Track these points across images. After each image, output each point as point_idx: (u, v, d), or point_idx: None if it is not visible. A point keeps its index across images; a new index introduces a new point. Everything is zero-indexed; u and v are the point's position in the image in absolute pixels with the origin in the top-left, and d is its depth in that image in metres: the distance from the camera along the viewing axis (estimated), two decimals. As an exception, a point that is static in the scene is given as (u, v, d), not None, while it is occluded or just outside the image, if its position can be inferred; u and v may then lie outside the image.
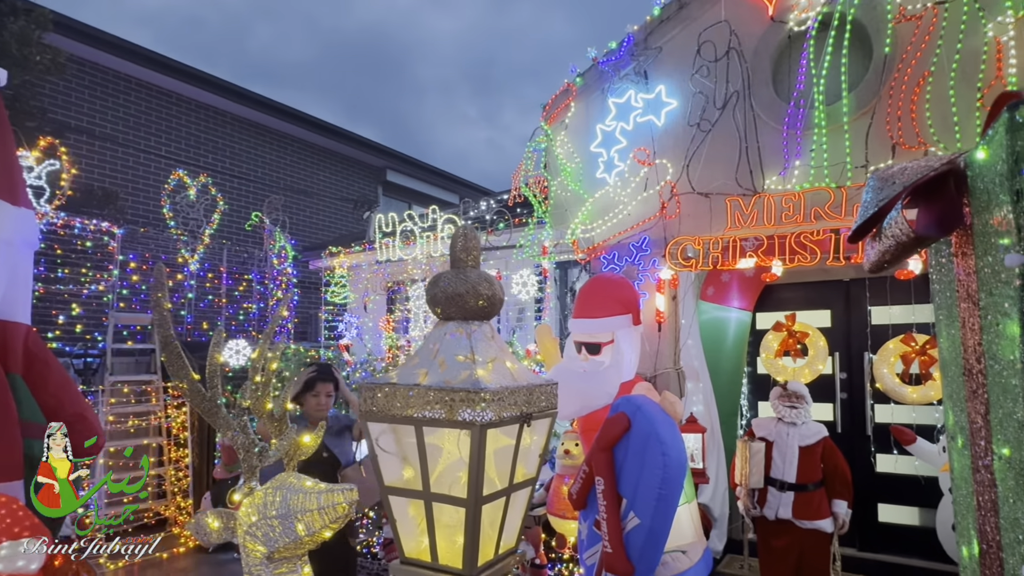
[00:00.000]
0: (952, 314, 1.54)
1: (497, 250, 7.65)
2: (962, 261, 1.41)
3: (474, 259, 1.72)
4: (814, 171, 4.48)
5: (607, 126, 5.70)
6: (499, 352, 1.68)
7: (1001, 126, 1.11)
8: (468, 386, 1.46)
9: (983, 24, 3.90)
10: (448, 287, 1.64)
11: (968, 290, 1.37)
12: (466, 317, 1.66)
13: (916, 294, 4.41)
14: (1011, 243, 1.08)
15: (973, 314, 1.35)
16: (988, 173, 1.20)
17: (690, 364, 5.18)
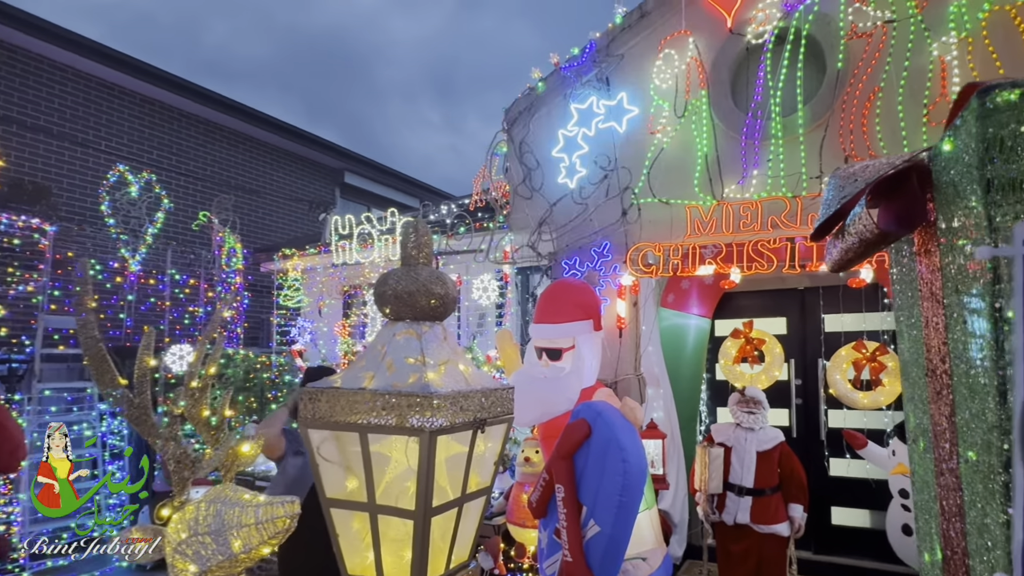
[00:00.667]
0: (914, 315, 1.51)
1: (458, 254, 7.55)
2: (925, 259, 1.37)
3: (426, 256, 1.63)
4: (771, 181, 4.56)
5: (569, 131, 5.69)
6: (452, 354, 1.59)
7: (970, 114, 1.05)
8: (417, 390, 1.36)
9: (928, 43, 4.05)
10: (398, 285, 1.55)
11: (932, 289, 1.33)
12: (417, 317, 1.56)
13: (866, 303, 4.54)
14: (981, 236, 1.02)
15: (937, 313, 1.31)
16: (955, 165, 1.15)
17: (651, 370, 5.19)
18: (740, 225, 4.58)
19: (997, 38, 3.83)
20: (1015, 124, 0.95)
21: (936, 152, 1.27)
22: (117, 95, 8.75)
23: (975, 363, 1.12)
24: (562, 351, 4.84)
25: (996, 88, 0.97)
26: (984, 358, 1.06)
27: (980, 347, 1.08)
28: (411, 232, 1.62)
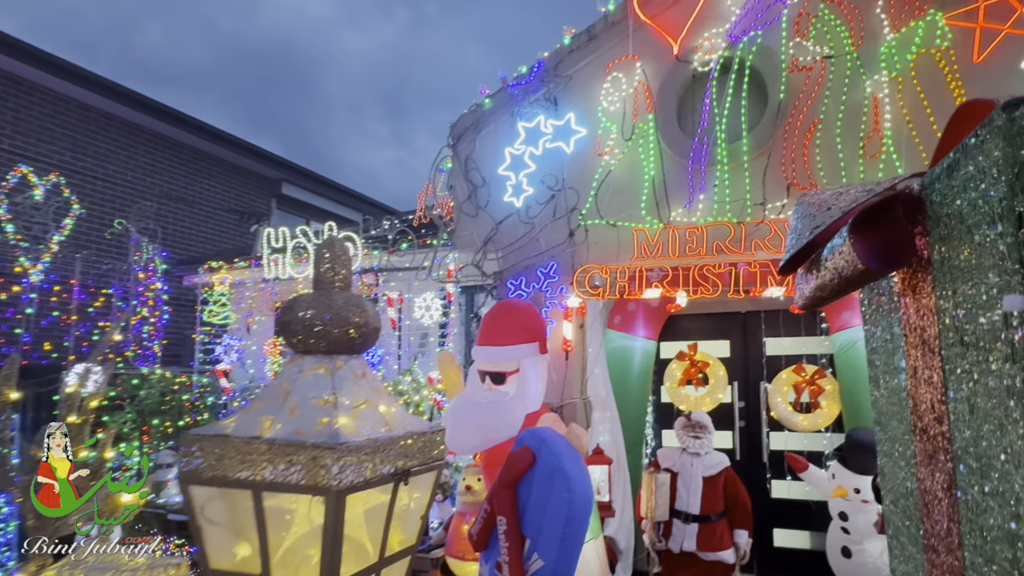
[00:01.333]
0: (893, 362, 1.36)
1: (399, 271, 7.30)
2: (913, 301, 1.22)
3: (343, 279, 1.43)
4: (717, 206, 4.62)
5: (516, 150, 5.61)
6: (371, 393, 1.38)
7: (993, 133, 0.88)
8: (326, 439, 1.14)
9: (863, 80, 4.24)
10: (307, 313, 1.34)
11: (923, 336, 1.18)
12: (330, 350, 1.35)
13: (805, 327, 4.65)
14: (1007, 281, 0.84)
15: (931, 365, 1.15)
16: (963, 194, 0.99)
17: (597, 393, 5.12)
18: (686, 249, 4.61)
19: (924, 79, 4.04)
20: None
21: (932, 178, 1.12)
22: (27, 91, 8.02)
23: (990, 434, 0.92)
24: (506, 375, 4.68)
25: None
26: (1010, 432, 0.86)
27: (1005, 419, 0.88)
28: (326, 252, 1.42)
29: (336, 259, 1.45)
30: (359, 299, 1.45)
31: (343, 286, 1.46)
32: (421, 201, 6.59)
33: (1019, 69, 3.71)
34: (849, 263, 1.24)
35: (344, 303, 1.40)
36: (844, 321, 4.41)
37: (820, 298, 1.47)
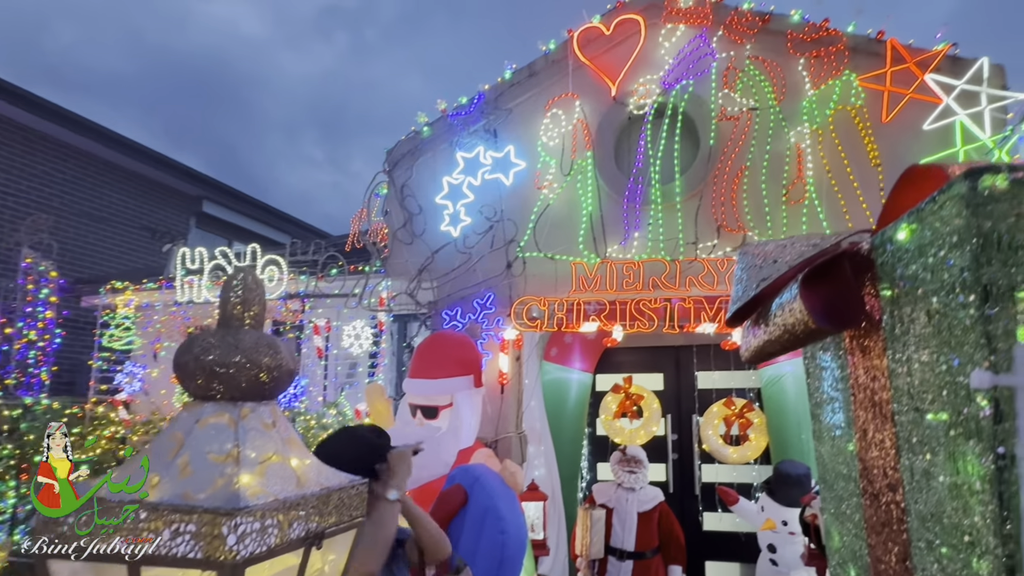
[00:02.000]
0: (841, 420, 1.34)
1: (327, 297, 7.01)
2: (863, 361, 1.20)
3: (254, 316, 1.28)
4: (651, 243, 4.75)
5: (454, 179, 5.57)
6: (280, 446, 1.23)
7: (954, 201, 0.86)
8: (222, 502, 0.99)
9: (786, 132, 4.53)
10: (208, 354, 1.18)
11: (873, 398, 1.15)
12: (235, 396, 1.20)
13: (735, 361, 4.81)
14: (970, 353, 0.82)
15: (882, 429, 1.12)
16: (919, 259, 0.96)
17: (532, 427, 5.05)
18: (623, 284, 4.69)
19: (841, 133, 4.37)
20: (1013, 217, 0.81)
21: (883, 240, 1.10)
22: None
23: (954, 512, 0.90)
24: (439, 409, 4.55)
25: (986, 171, 0.82)
26: (975, 512, 0.83)
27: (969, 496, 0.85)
28: (236, 284, 1.28)
29: (247, 294, 1.29)
30: (271, 338, 1.30)
31: (254, 324, 1.30)
32: (354, 226, 6.39)
33: (922, 130, 4.09)
34: (799, 321, 1.22)
35: (254, 343, 1.25)
36: (770, 357, 4.60)
37: (768, 352, 1.45)
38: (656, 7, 5.08)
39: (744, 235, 4.50)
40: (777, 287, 1.37)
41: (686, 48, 4.91)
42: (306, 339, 8.02)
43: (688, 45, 4.90)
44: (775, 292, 1.39)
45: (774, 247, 1.41)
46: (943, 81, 3.98)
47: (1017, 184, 0.81)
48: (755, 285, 1.39)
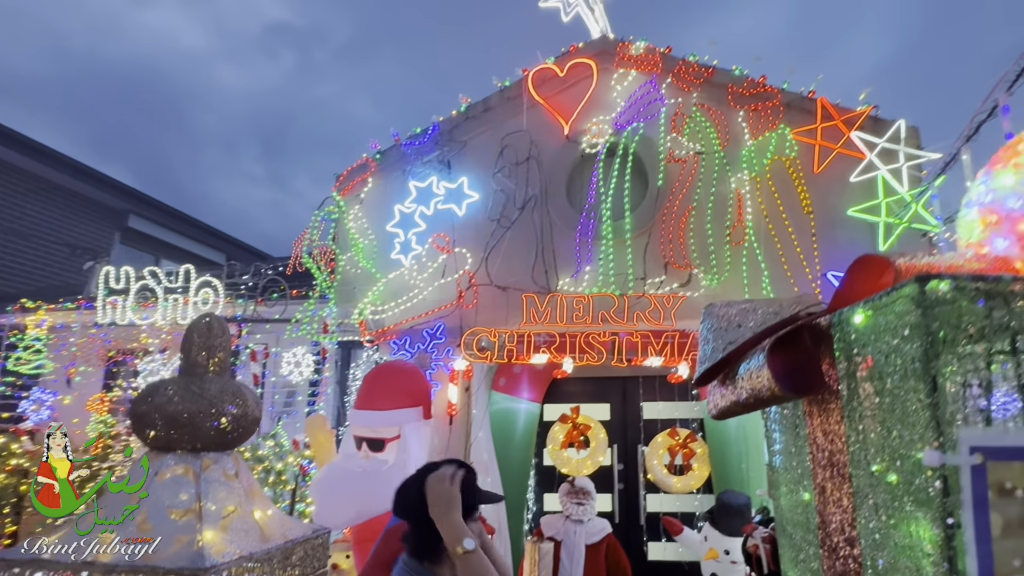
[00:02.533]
0: (800, 474, 1.44)
1: (267, 322, 6.73)
2: (821, 424, 1.31)
3: (219, 363, 1.24)
4: (602, 278, 4.87)
5: (406, 208, 5.55)
6: (243, 498, 1.19)
7: (904, 299, 1.00)
8: (186, 562, 0.94)
9: (729, 176, 4.81)
10: (172, 404, 1.13)
11: (832, 459, 1.26)
12: (197, 447, 1.15)
13: (679, 393, 4.96)
14: (920, 433, 0.94)
15: (840, 487, 1.22)
16: (875, 343, 1.09)
17: (480, 458, 5.00)
18: (573, 317, 4.77)
19: (777, 181, 4.69)
20: (955, 318, 0.94)
21: (841, 320, 1.22)
22: None
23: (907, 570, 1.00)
24: (386, 441, 4.44)
25: (935, 277, 0.97)
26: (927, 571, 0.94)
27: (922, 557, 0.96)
28: (200, 331, 1.23)
29: (212, 340, 1.24)
30: (237, 385, 1.26)
31: (218, 371, 1.26)
32: (297, 248, 6.22)
33: (849, 182, 4.45)
34: (766, 387, 1.33)
35: (219, 391, 1.21)
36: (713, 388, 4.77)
37: (735, 412, 1.56)
38: (608, 53, 5.32)
39: (690, 272, 4.70)
40: (742, 351, 1.45)
41: (637, 92, 5.15)
42: (242, 365, 7.66)
43: (639, 89, 5.14)
44: (741, 355, 1.48)
45: (737, 311, 1.51)
46: (866, 139, 4.36)
47: (958, 290, 0.95)
48: (722, 348, 1.48)
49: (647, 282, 4.78)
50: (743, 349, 1.44)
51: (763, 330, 1.38)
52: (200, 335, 1.14)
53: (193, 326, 1.15)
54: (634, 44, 5.21)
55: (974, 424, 0.92)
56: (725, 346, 1.46)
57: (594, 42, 5.41)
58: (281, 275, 6.88)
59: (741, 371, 1.46)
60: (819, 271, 4.43)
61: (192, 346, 1.14)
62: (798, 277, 4.48)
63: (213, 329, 1.15)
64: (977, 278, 0.96)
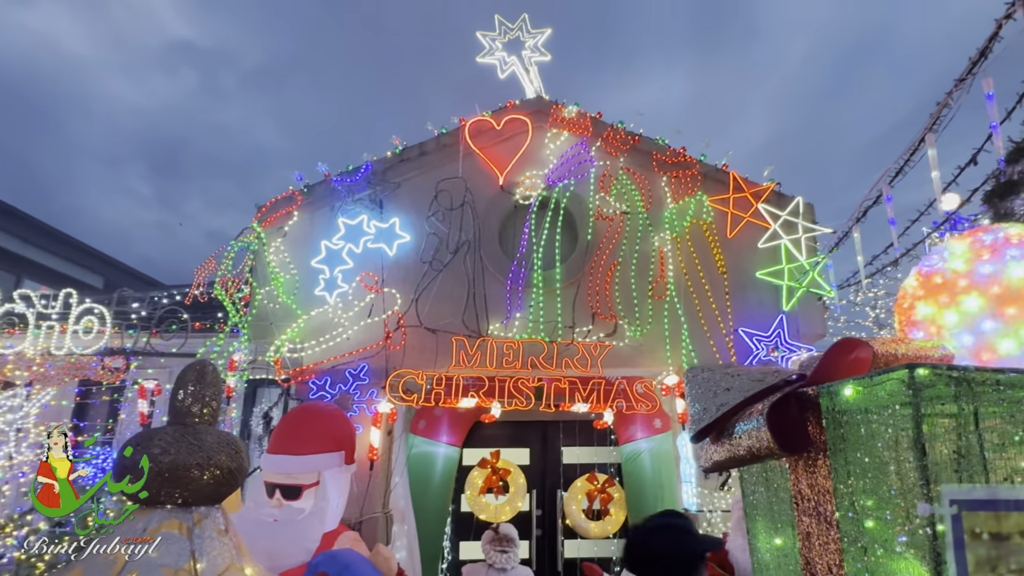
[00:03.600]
0: (780, 521, 1.60)
1: (162, 356, 6.17)
2: (806, 477, 1.49)
3: (211, 413, 1.20)
4: (532, 324, 5.01)
5: (334, 244, 5.43)
6: (235, 554, 1.15)
7: (896, 381, 1.22)
8: None
9: (652, 236, 5.18)
10: (168, 455, 1.08)
11: (818, 508, 1.44)
12: (188, 501, 1.10)
13: (598, 438, 5.11)
14: (908, 487, 1.18)
15: (826, 533, 1.40)
16: (863, 412, 1.32)
17: (396, 505, 4.83)
18: (503, 362, 4.84)
19: (696, 242, 5.13)
20: (936, 398, 1.18)
21: (830, 391, 1.44)
22: None
23: None
24: (303, 488, 4.21)
25: (920, 366, 1.19)
26: None
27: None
28: (195, 377, 1.19)
29: (203, 389, 1.21)
30: (231, 437, 1.22)
31: (210, 420, 1.22)
32: (200, 277, 5.84)
33: (758, 247, 4.96)
34: (764, 447, 1.52)
35: (216, 442, 1.17)
36: (631, 434, 4.98)
37: (728, 466, 1.73)
38: (543, 113, 5.63)
39: (616, 323, 4.96)
40: (733, 412, 1.63)
41: (569, 152, 5.48)
42: (127, 403, 6.91)
43: (571, 149, 5.47)
44: (731, 416, 1.65)
45: (721, 375, 1.70)
46: (771, 211, 4.92)
47: (936, 375, 1.20)
48: (715, 409, 1.64)
49: (575, 330, 4.97)
50: (733, 411, 1.60)
51: (752, 395, 1.55)
52: (193, 382, 1.08)
53: (186, 372, 1.09)
54: (567, 107, 5.56)
55: (951, 482, 1.16)
56: (718, 407, 1.62)
57: (530, 101, 5.71)
58: (180, 305, 6.40)
59: (737, 431, 1.63)
60: (732, 327, 4.85)
61: (185, 393, 1.07)
62: (714, 332, 4.87)
63: (207, 376, 1.09)
64: (950, 367, 1.21)
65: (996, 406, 1.20)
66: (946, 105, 3.04)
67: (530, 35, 5.93)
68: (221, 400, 1.11)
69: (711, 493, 4.56)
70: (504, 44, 5.96)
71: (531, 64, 5.91)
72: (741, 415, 1.57)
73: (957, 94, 2.95)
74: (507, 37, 6.02)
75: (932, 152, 3.09)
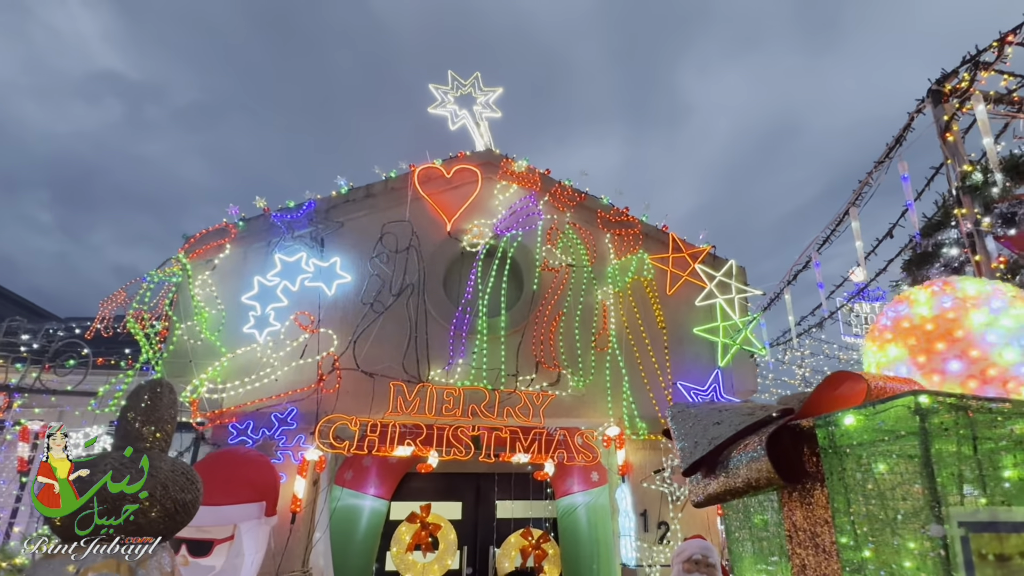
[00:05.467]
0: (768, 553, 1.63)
1: (53, 394, 5.51)
2: (800, 509, 1.52)
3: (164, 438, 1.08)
4: (474, 371, 4.91)
5: (269, 281, 5.18)
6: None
7: (901, 408, 1.27)
8: None
9: (595, 289, 5.31)
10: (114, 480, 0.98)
11: (815, 540, 1.47)
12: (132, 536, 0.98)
13: (533, 491, 4.97)
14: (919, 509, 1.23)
15: (826, 563, 1.43)
16: (869, 441, 1.37)
17: (316, 563, 4.43)
18: (442, 409, 4.68)
19: (637, 297, 5.30)
20: (939, 425, 1.26)
21: (827, 422, 1.47)
22: None
23: None
24: (215, 543, 3.83)
25: (926, 393, 1.26)
26: None
27: None
28: (149, 397, 1.09)
29: (160, 411, 1.11)
30: (185, 466, 1.11)
31: (164, 445, 1.12)
32: (105, 309, 5.39)
33: (695, 305, 5.19)
34: (763, 477, 1.51)
35: (171, 471, 1.06)
36: (567, 487, 4.89)
37: (722, 499, 1.70)
38: (493, 165, 5.76)
39: (559, 372, 4.96)
40: (724, 446, 1.65)
41: (517, 204, 5.60)
42: (3, 445, 6.05)
43: (520, 202, 5.59)
44: (722, 450, 1.67)
45: (708, 410, 1.73)
46: (707, 271, 5.19)
47: (939, 403, 1.27)
48: (707, 442, 1.65)
49: (518, 379, 4.92)
50: (726, 444, 1.61)
51: (745, 428, 1.57)
52: (147, 403, 0.95)
53: (139, 392, 0.95)
54: (517, 161, 5.73)
55: (957, 505, 1.22)
56: (710, 440, 1.63)
57: (480, 153, 5.84)
58: (80, 339, 5.80)
59: (734, 463, 1.62)
60: (671, 380, 4.97)
61: (136, 415, 0.93)
62: (653, 385, 4.97)
63: (163, 398, 0.96)
64: (949, 395, 1.28)
65: (991, 430, 1.27)
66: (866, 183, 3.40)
67: (482, 92, 6.14)
68: (175, 425, 0.98)
69: (650, 547, 4.52)
70: (456, 98, 6.12)
71: (482, 119, 6.08)
72: (735, 447, 1.58)
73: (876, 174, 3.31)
74: (459, 92, 6.20)
75: (855, 224, 3.42)
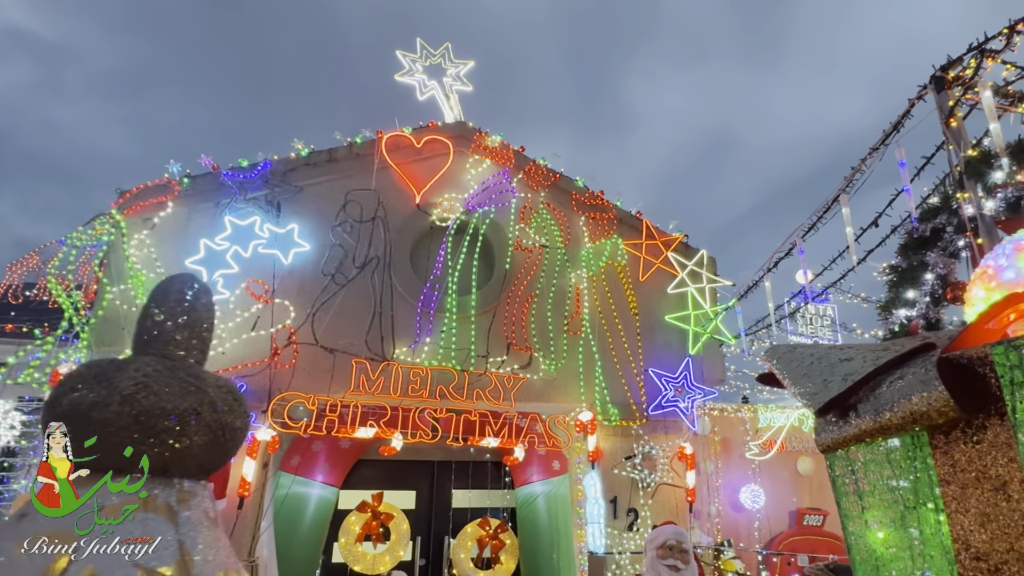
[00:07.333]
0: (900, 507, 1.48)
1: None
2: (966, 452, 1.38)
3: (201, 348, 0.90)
4: (443, 351, 4.69)
5: (217, 244, 4.74)
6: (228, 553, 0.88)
7: None
8: None
9: (569, 272, 5.20)
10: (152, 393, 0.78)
11: (986, 484, 1.34)
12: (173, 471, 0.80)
13: (492, 479, 4.80)
14: None
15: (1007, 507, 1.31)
16: None
17: (260, 554, 4.09)
18: (408, 389, 4.44)
19: (610, 282, 5.24)
20: None
21: (1005, 349, 1.28)
22: None
23: None
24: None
25: None
26: None
27: None
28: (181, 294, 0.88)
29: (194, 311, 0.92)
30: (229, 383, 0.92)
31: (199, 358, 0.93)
32: (13, 274, 4.80)
33: (667, 292, 5.18)
34: (932, 409, 1.33)
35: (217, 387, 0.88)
36: (527, 476, 4.75)
37: (858, 439, 1.52)
38: (465, 138, 5.53)
39: (531, 355, 4.81)
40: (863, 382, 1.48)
41: (490, 180, 5.40)
42: None
43: (493, 178, 5.40)
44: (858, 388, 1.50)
45: (823, 348, 1.57)
46: (679, 259, 5.20)
47: None
48: (841, 378, 1.49)
49: (489, 360, 4.74)
50: (865, 381, 1.46)
51: (888, 361, 1.42)
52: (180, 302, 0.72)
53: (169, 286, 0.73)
54: (490, 136, 5.52)
55: None
56: (843, 377, 1.48)
57: (452, 125, 5.59)
58: (-15, 303, 5.12)
59: (885, 398, 1.45)
60: (643, 366, 4.94)
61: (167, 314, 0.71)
62: (626, 371, 4.93)
63: (200, 298, 0.74)
64: None
65: None
66: (859, 170, 3.45)
67: (452, 63, 5.88)
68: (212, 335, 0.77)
69: (620, 534, 4.46)
70: (425, 68, 5.84)
71: (451, 91, 5.83)
72: (877, 383, 1.45)
73: (870, 161, 3.38)
74: (428, 61, 5.91)
75: (846, 211, 3.46)
